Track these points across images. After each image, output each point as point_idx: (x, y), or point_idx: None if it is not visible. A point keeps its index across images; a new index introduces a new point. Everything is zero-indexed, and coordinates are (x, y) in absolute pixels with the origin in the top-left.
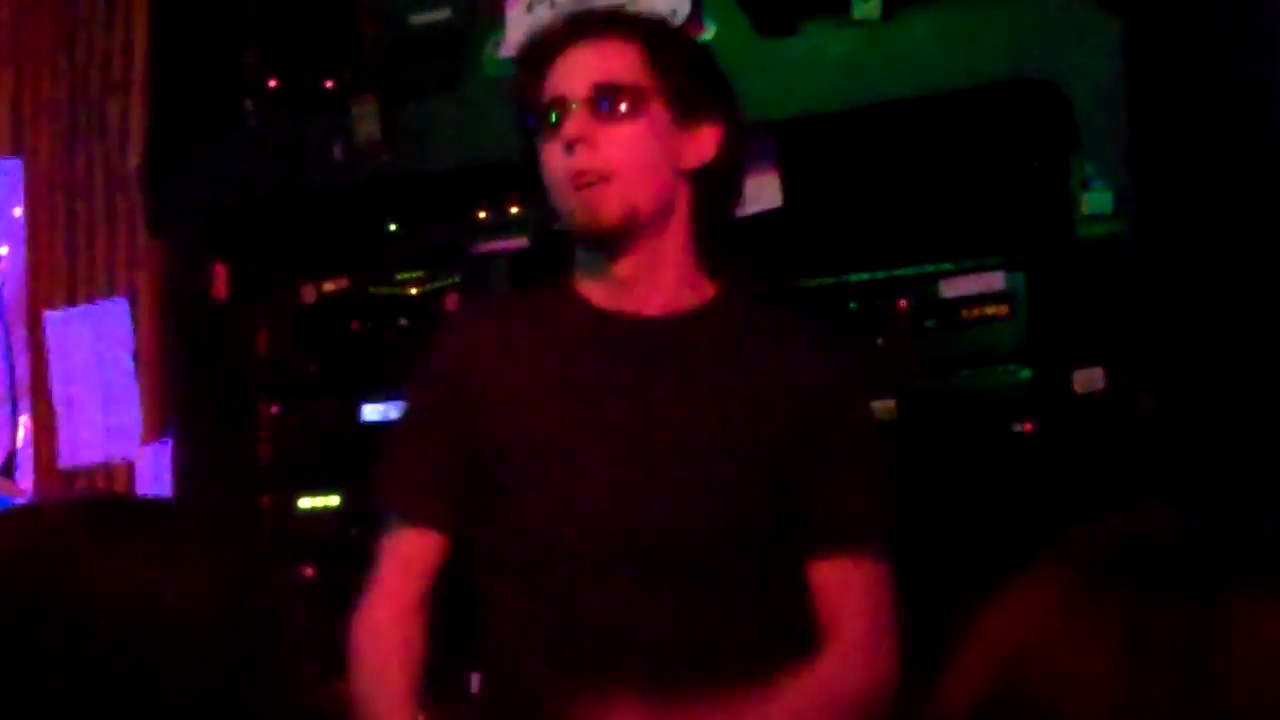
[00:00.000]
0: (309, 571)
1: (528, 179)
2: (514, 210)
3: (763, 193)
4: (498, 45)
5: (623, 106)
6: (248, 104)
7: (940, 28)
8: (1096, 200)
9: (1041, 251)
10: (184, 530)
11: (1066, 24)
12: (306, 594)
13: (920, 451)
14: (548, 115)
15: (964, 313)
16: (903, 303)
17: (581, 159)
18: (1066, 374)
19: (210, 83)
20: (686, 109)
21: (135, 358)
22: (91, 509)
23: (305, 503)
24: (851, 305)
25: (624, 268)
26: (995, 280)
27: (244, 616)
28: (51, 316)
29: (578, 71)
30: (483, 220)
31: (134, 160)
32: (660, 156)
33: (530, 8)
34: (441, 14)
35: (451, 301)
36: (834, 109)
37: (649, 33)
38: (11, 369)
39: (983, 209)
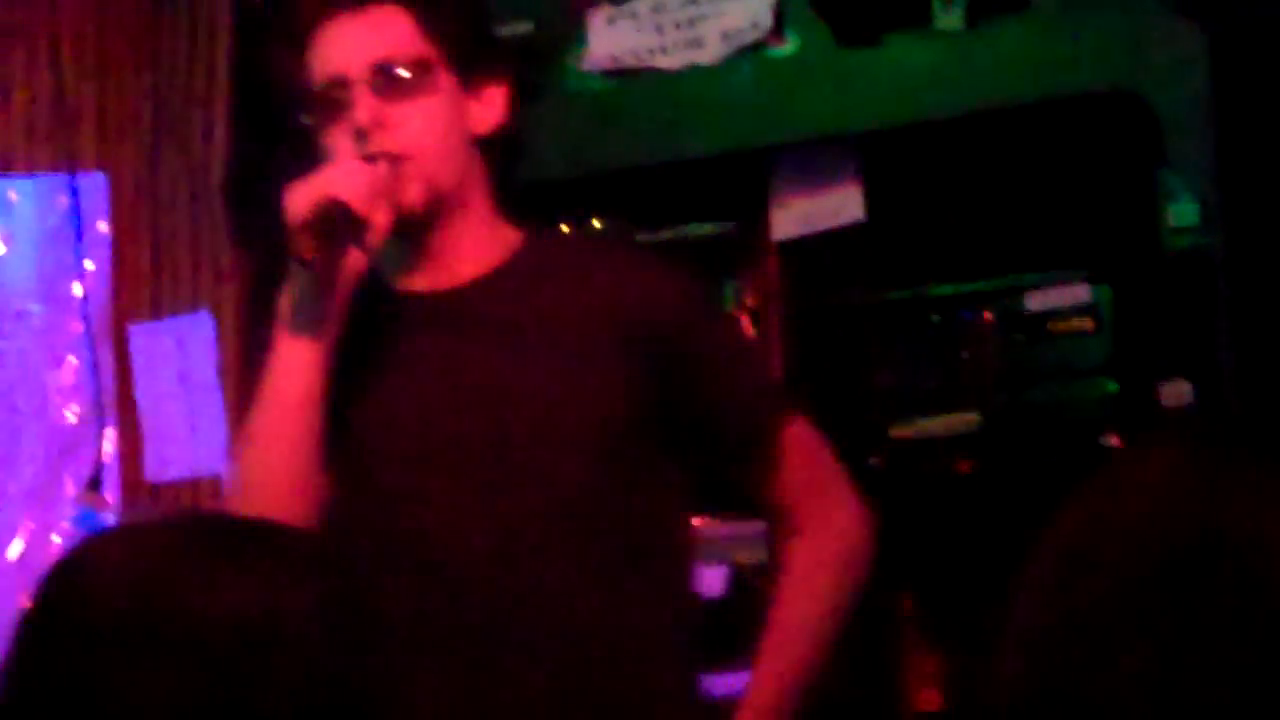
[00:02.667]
0: None
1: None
2: (595, 223)
3: (845, 206)
4: (580, 58)
5: (409, 81)
6: None
7: (1024, 39)
8: (1182, 212)
9: (1127, 264)
10: (287, 549)
11: (1152, 36)
12: None
13: (1005, 466)
14: (328, 98)
15: (1049, 326)
16: (987, 315)
17: (376, 144)
18: (1153, 387)
19: (293, 96)
20: (471, 73)
21: (220, 371)
22: (196, 529)
23: None
24: (935, 319)
25: (426, 246)
26: (1081, 293)
27: (345, 634)
28: (136, 330)
29: (352, 47)
30: (564, 233)
31: (218, 174)
32: (452, 127)
33: (612, 20)
34: (523, 27)
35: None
36: (917, 121)
37: (430, 4)
38: (97, 383)
39: (1068, 221)
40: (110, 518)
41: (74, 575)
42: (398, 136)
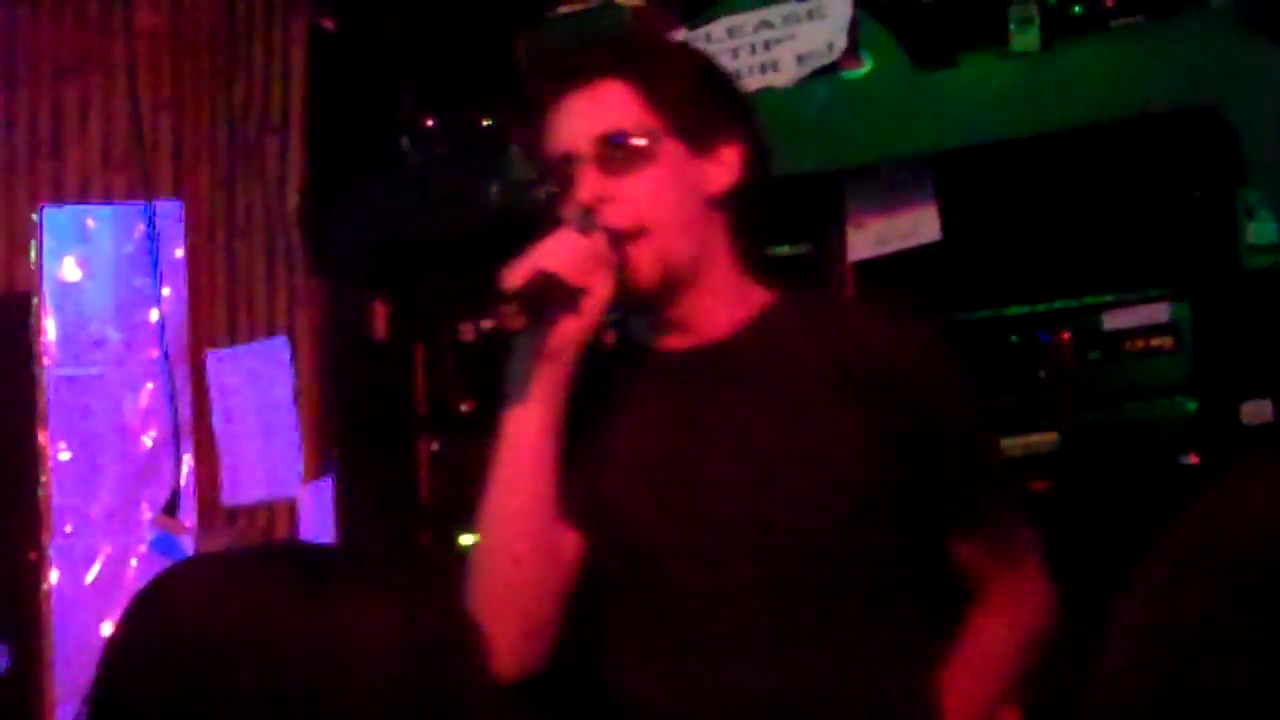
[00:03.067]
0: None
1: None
2: None
3: (922, 226)
4: None
5: (633, 153)
6: (404, 142)
7: (1100, 58)
8: (1262, 231)
9: (1207, 282)
10: (370, 576)
11: (1231, 53)
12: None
13: (1085, 486)
14: (558, 172)
15: (1128, 344)
16: (1065, 335)
17: (603, 220)
18: (1234, 406)
19: (367, 122)
20: (700, 137)
21: (296, 397)
22: (278, 556)
23: (466, 539)
24: (1013, 339)
25: (674, 313)
26: (1160, 312)
27: (432, 665)
28: (213, 356)
29: (577, 122)
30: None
31: (293, 200)
32: (686, 195)
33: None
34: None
35: (609, 338)
36: (993, 140)
37: (641, 66)
38: (174, 408)
39: (1146, 240)
40: (187, 542)
41: (159, 603)
42: (626, 211)
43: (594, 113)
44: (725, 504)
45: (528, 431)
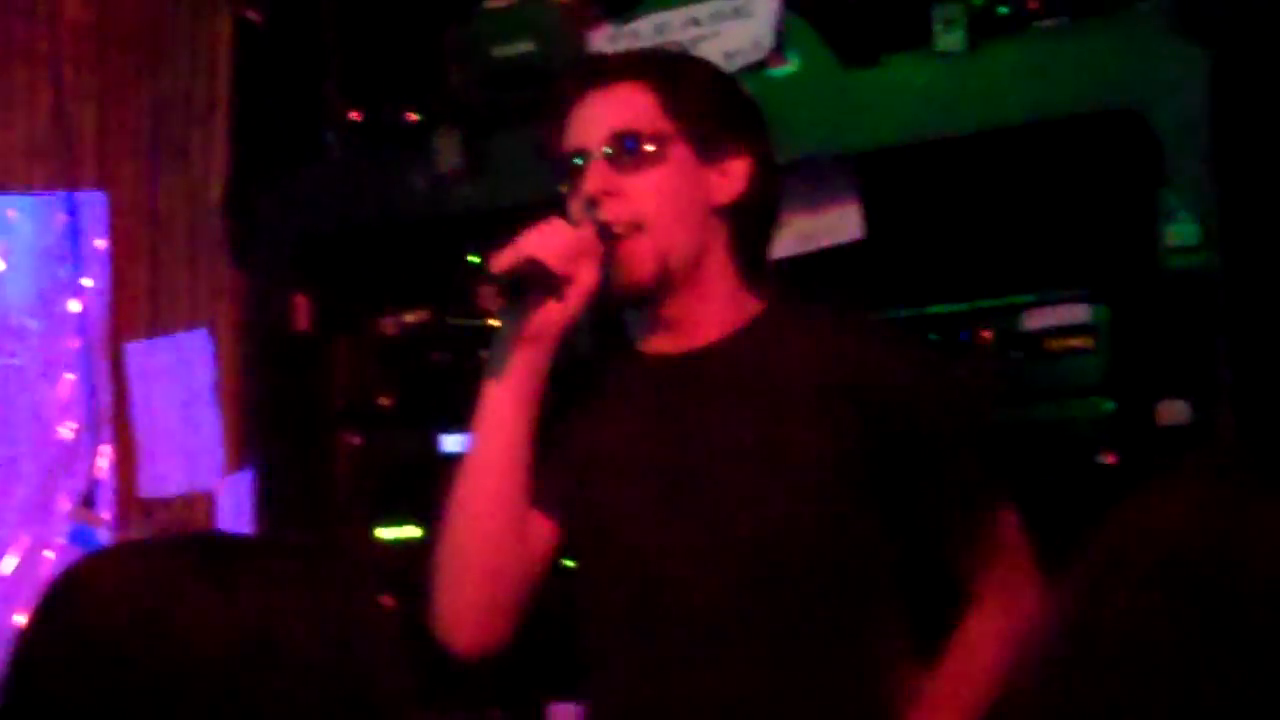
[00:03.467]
0: (388, 603)
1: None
2: None
3: (844, 224)
4: None
5: (642, 153)
6: (330, 136)
7: (1024, 59)
8: (1182, 232)
9: (1126, 283)
10: (285, 565)
11: (1152, 55)
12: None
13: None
14: (570, 167)
15: (1047, 344)
16: (986, 334)
17: (607, 211)
18: (1151, 406)
19: (292, 114)
20: (710, 146)
21: (216, 389)
22: (193, 546)
23: (385, 533)
24: (934, 337)
25: (667, 312)
26: (1079, 312)
27: (345, 652)
28: (133, 347)
29: (593, 121)
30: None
31: (216, 192)
32: (689, 200)
33: (613, 40)
34: (524, 45)
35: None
36: (917, 140)
37: (662, 73)
38: (94, 400)
39: (1067, 240)
40: (105, 534)
41: (70, 594)
42: (629, 206)
43: (610, 111)
44: (701, 507)
45: (502, 412)
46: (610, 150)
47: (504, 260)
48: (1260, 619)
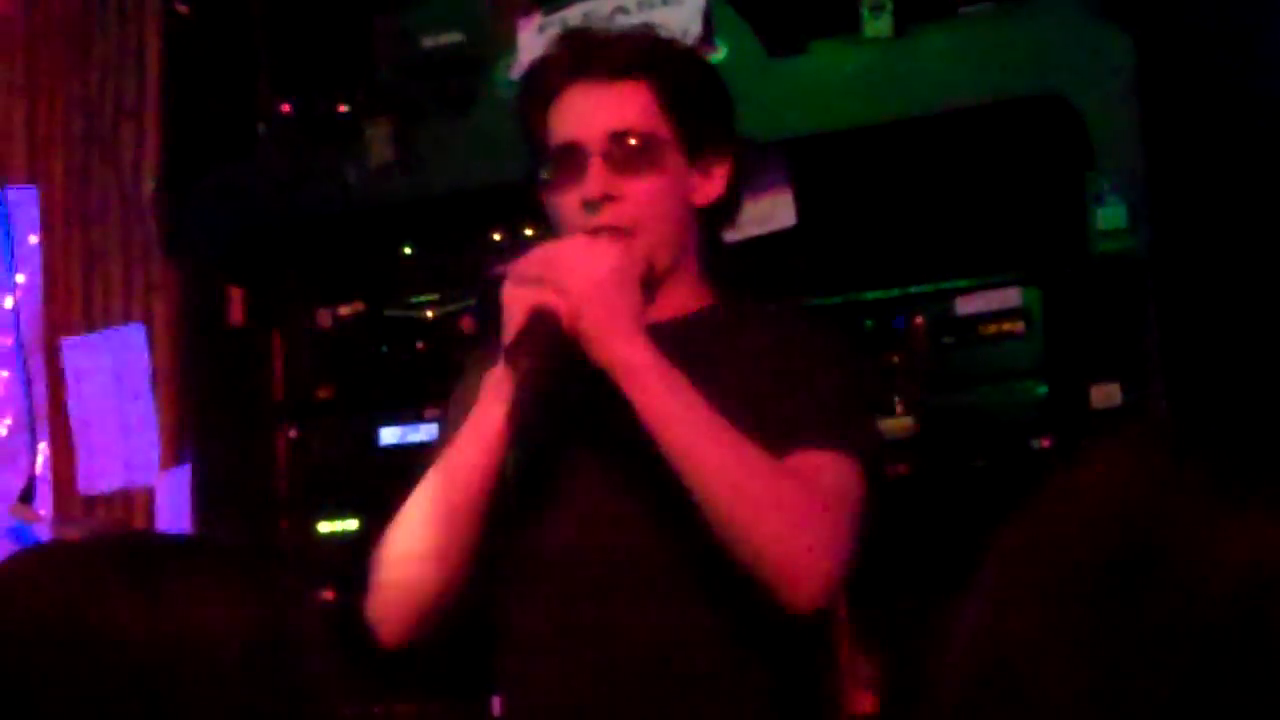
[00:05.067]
0: (328, 596)
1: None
2: (529, 232)
3: (776, 211)
4: (509, 67)
5: (641, 155)
6: (261, 128)
7: (952, 45)
8: (1110, 215)
9: (1056, 267)
10: (211, 566)
11: (1078, 40)
12: (327, 621)
13: (938, 469)
14: (561, 159)
15: (980, 329)
16: (919, 320)
17: (608, 215)
18: (1083, 389)
19: (223, 108)
20: (698, 149)
21: (152, 383)
22: (118, 546)
23: (324, 527)
24: (868, 323)
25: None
26: (1011, 296)
27: (271, 652)
28: (69, 343)
29: (592, 115)
30: (498, 242)
31: (148, 186)
32: (677, 203)
33: (542, 29)
34: (454, 36)
35: (467, 323)
36: (846, 127)
37: (663, 72)
38: (29, 396)
39: (997, 225)
40: (42, 530)
41: None
42: (625, 211)
43: (611, 108)
44: (619, 507)
45: (495, 428)
46: (608, 150)
47: (521, 311)
48: (1177, 599)
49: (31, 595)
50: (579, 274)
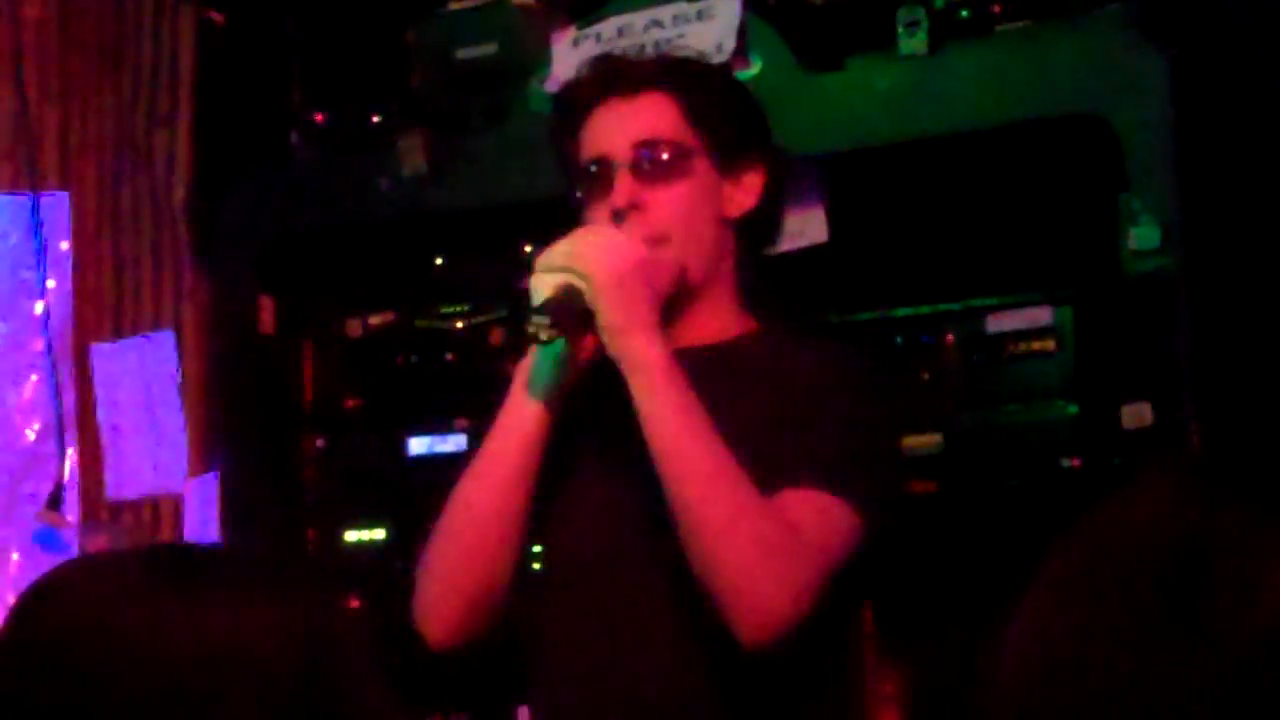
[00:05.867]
0: (354, 605)
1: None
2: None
3: (809, 227)
4: (544, 80)
5: (667, 165)
6: (294, 138)
7: (987, 63)
8: (1144, 235)
9: (1088, 286)
10: (253, 577)
11: (1115, 59)
12: (367, 630)
13: (966, 487)
14: (591, 174)
15: (1011, 348)
16: (949, 337)
17: (634, 226)
18: (1114, 409)
19: (256, 116)
20: (730, 160)
21: (181, 391)
22: (161, 558)
23: (351, 536)
24: (898, 340)
25: (679, 312)
26: (1042, 315)
27: (314, 663)
28: (98, 349)
29: (618, 129)
30: (529, 254)
31: (180, 194)
32: (708, 213)
33: (576, 43)
34: (488, 48)
35: (497, 336)
36: (880, 143)
37: (687, 84)
38: (58, 402)
39: (1030, 244)
40: (70, 536)
41: (38, 606)
42: (653, 220)
43: (635, 120)
44: (637, 510)
45: (528, 428)
46: (634, 160)
47: (549, 285)
48: (1224, 621)
49: (76, 607)
50: (602, 264)
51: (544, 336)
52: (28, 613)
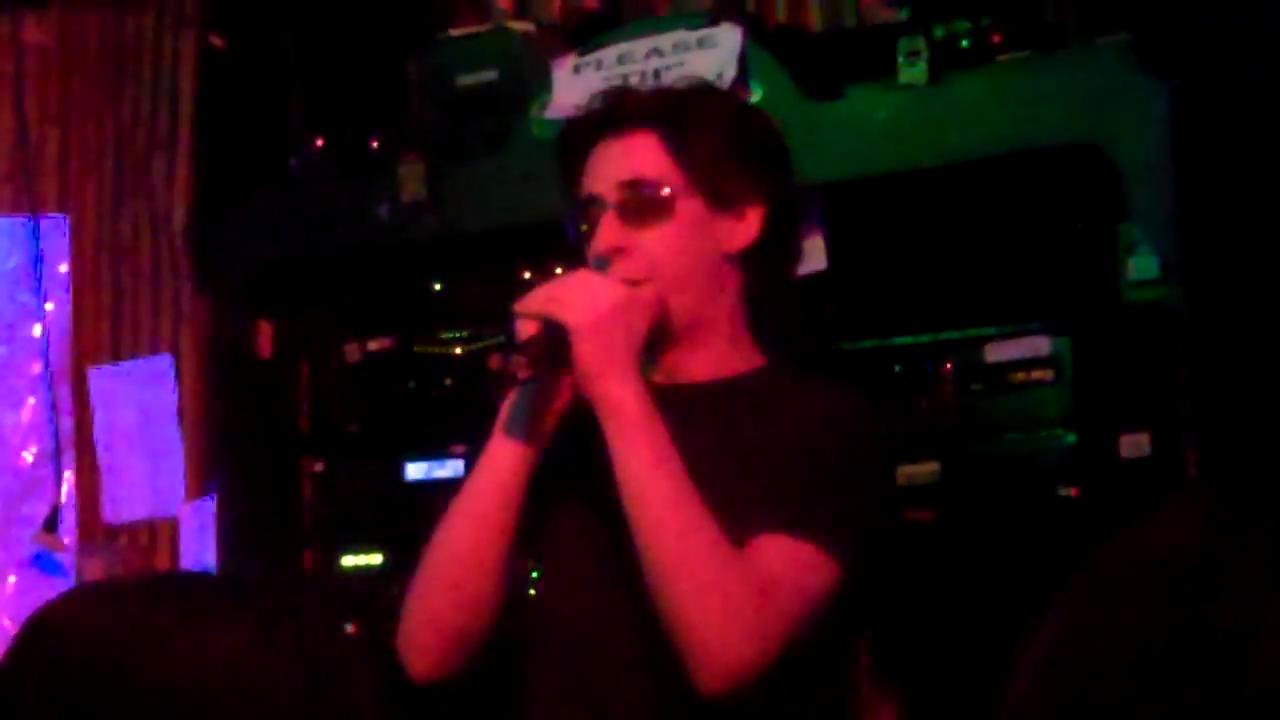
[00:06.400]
0: (352, 630)
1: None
2: (558, 271)
3: (808, 255)
4: (544, 107)
5: (651, 203)
6: (293, 162)
7: (986, 92)
8: (1143, 265)
9: (1087, 316)
10: (256, 605)
11: (1114, 89)
12: (365, 656)
13: (964, 516)
14: (584, 215)
15: (1009, 377)
16: (948, 366)
17: (619, 270)
18: (1112, 439)
19: (256, 141)
20: (724, 194)
21: (179, 414)
22: (167, 586)
23: (348, 560)
24: (897, 368)
25: (670, 349)
26: (1041, 344)
27: (313, 689)
28: (96, 372)
29: (607, 169)
30: (527, 280)
31: (179, 217)
32: (698, 252)
33: (577, 70)
34: (489, 75)
35: (495, 362)
36: (880, 172)
37: (674, 119)
38: (57, 425)
39: (1029, 273)
40: (67, 559)
41: (47, 633)
42: (638, 262)
43: (622, 159)
44: (618, 555)
45: (506, 468)
46: (620, 201)
47: (532, 322)
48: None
49: (82, 635)
50: (579, 308)
51: (521, 376)
52: (29, 642)
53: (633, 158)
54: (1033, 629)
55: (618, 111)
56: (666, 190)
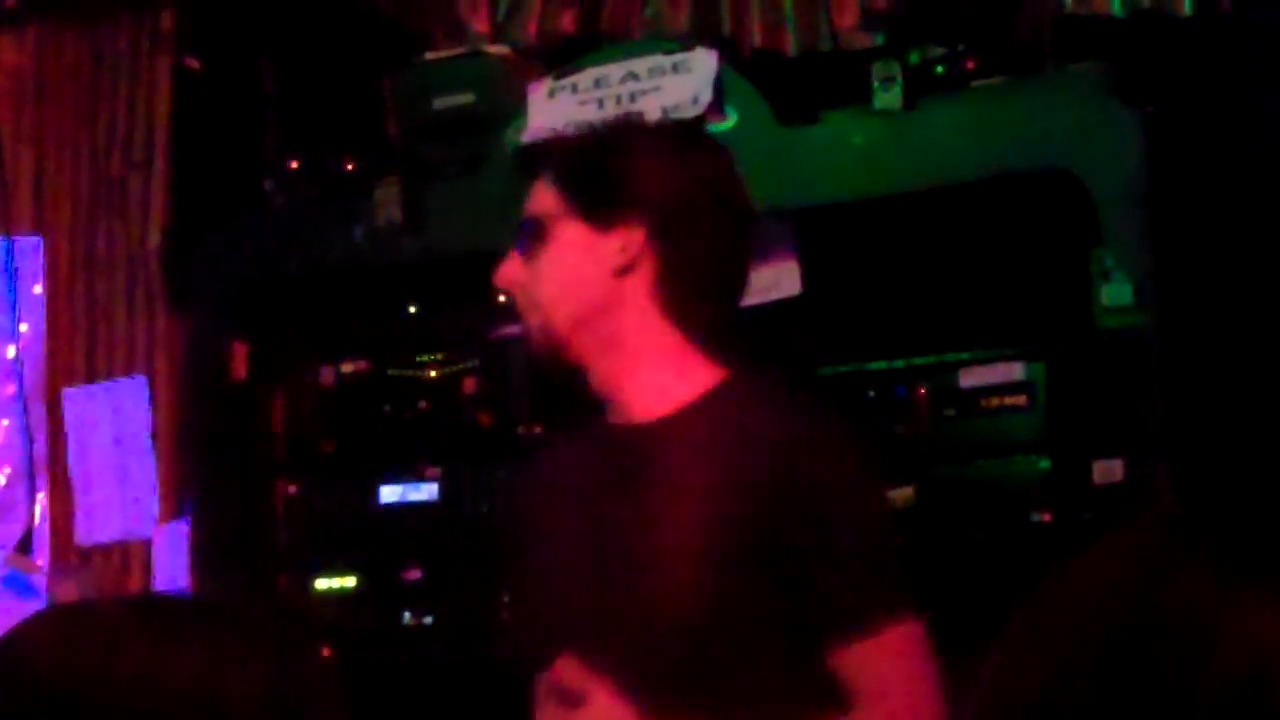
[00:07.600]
0: (325, 653)
1: None
2: None
3: (782, 280)
4: (519, 130)
5: (537, 238)
6: (269, 184)
7: (961, 119)
8: (1116, 292)
9: (1061, 342)
10: (229, 627)
11: (1088, 116)
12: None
13: (938, 541)
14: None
15: (983, 402)
16: (922, 391)
17: (517, 304)
18: (1085, 465)
19: (231, 162)
20: (600, 216)
21: (153, 436)
22: (136, 606)
23: (322, 583)
24: (870, 393)
25: (596, 382)
26: (1014, 370)
27: (285, 712)
28: (70, 394)
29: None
30: (503, 304)
31: (154, 239)
32: (576, 268)
33: (552, 94)
34: (464, 97)
35: (470, 385)
36: (854, 198)
37: (564, 159)
38: (30, 446)
39: (1002, 299)
40: (40, 580)
41: (13, 653)
42: (530, 292)
43: (527, 204)
44: (596, 596)
45: None
46: (517, 240)
47: None
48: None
49: (53, 658)
50: None
51: None
52: (1, 663)
53: (531, 200)
54: (978, 665)
55: (532, 159)
56: (549, 222)
